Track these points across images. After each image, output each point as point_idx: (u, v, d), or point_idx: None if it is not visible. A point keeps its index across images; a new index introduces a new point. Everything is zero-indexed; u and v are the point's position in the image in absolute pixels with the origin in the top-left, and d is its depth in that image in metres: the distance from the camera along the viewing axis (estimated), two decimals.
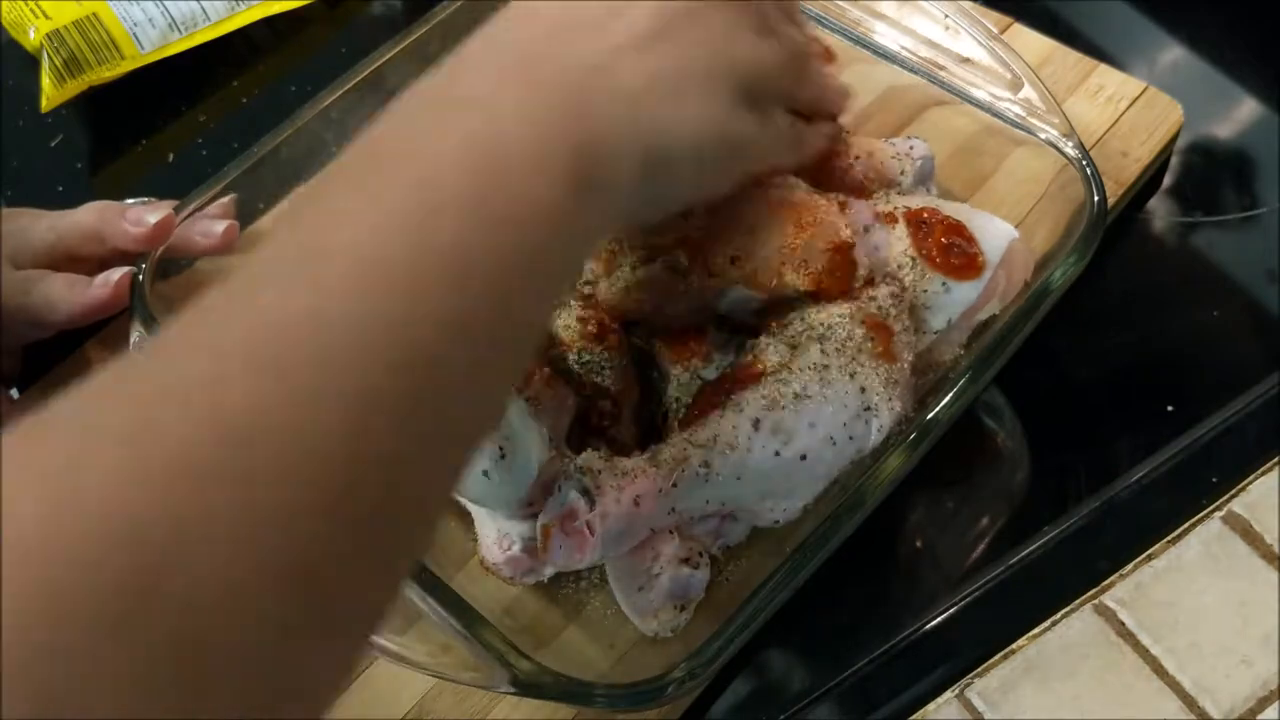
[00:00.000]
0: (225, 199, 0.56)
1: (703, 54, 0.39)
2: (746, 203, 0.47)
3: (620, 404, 0.49)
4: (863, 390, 0.46)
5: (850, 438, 0.46)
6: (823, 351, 0.46)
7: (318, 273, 0.29)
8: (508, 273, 0.31)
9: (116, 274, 0.53)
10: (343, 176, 0.33)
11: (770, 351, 0.47)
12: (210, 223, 0.55)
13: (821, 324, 0.46)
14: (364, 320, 0.28)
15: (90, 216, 0.55)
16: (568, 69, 0.36)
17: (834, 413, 0.45)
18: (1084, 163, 0.52)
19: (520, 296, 0.32)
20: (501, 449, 0.44)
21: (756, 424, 0.45)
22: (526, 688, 0.41)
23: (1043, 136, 0.53)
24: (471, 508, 0.49)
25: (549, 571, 0.47)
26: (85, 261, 0.55)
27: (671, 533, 0.46)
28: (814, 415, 0.45)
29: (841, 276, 0.47)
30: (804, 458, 0.45)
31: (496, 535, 0.47)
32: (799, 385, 0.45)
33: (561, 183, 0.33)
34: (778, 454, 0.45)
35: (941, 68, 0.57)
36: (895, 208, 0.51)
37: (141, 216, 0.53)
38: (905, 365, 0.48)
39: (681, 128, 0.38)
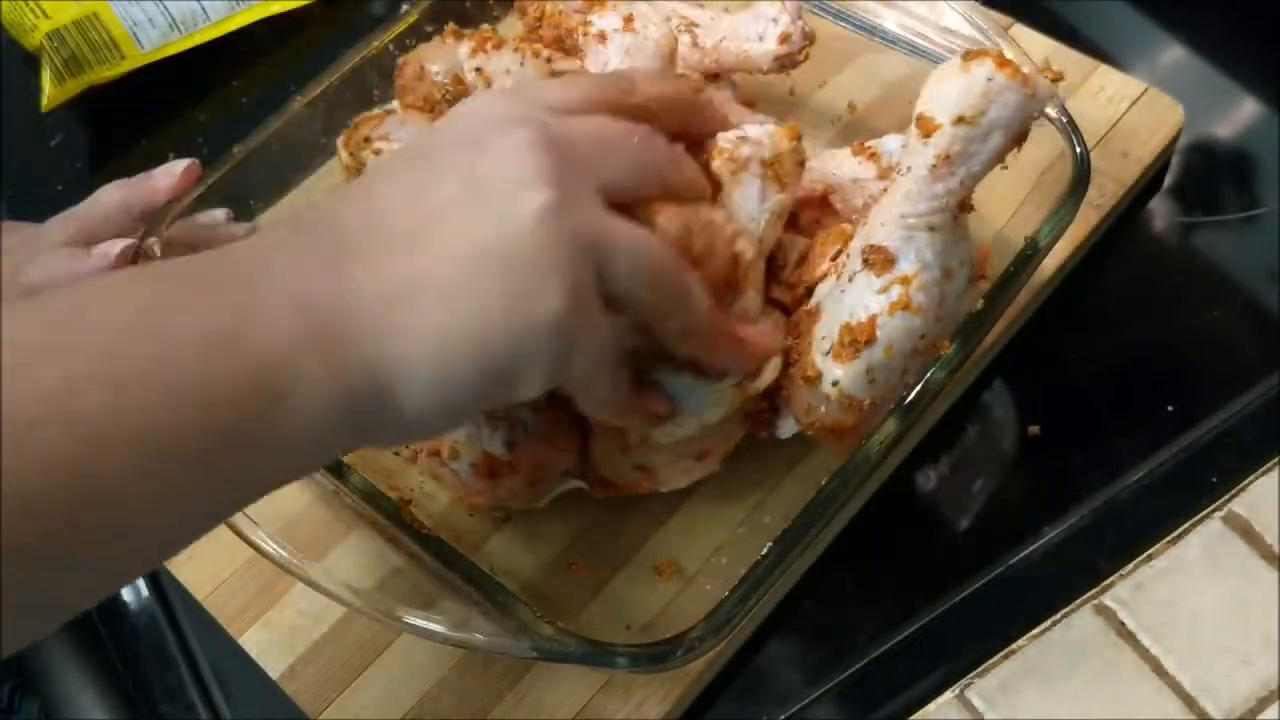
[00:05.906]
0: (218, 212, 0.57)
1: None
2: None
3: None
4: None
5: None
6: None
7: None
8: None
9: (117, 246, 0.51)
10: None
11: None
12: (210, 218, 0.56)
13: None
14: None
15: (114, 194, 0.54)
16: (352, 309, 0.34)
17: None
18: (1063, 120, 0.51)
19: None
20: None
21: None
22: (548, 653, 0.42)
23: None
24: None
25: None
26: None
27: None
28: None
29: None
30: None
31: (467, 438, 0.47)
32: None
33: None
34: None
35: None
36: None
37: (170, 169, 0.55)
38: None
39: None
